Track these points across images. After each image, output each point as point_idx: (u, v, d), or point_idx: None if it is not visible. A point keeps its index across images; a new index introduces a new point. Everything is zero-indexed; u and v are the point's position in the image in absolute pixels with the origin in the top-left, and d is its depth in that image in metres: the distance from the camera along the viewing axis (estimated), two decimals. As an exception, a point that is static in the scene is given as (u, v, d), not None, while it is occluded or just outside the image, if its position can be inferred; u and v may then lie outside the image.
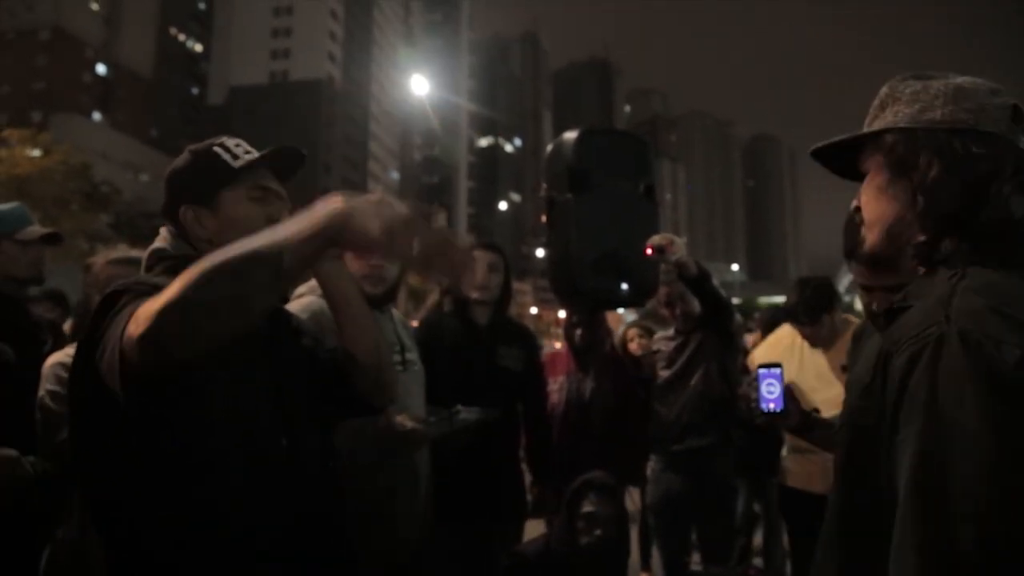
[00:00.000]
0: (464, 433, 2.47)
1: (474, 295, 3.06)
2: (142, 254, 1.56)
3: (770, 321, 5.06)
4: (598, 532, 2.73)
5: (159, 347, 1.07)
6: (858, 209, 1.22)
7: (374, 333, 1.61)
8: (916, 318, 0.98)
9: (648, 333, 4.49)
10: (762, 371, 1.97)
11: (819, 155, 1.26)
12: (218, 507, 1.29)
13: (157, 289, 1.15)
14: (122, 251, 2.55)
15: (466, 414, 2.40)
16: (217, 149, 1.52)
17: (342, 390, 1.60)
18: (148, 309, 1.08)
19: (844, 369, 3.10)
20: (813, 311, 3.16)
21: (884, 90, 1.19)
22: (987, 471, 0.83)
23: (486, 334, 3.09)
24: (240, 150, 1.52)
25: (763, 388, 1.97)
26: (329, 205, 1.08)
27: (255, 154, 1.52)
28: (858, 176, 1.22)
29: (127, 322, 1.12)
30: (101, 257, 2.53)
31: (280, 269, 1.06)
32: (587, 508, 2.77)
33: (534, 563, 2.77)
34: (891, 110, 1.16)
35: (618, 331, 6.31)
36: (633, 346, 4.63)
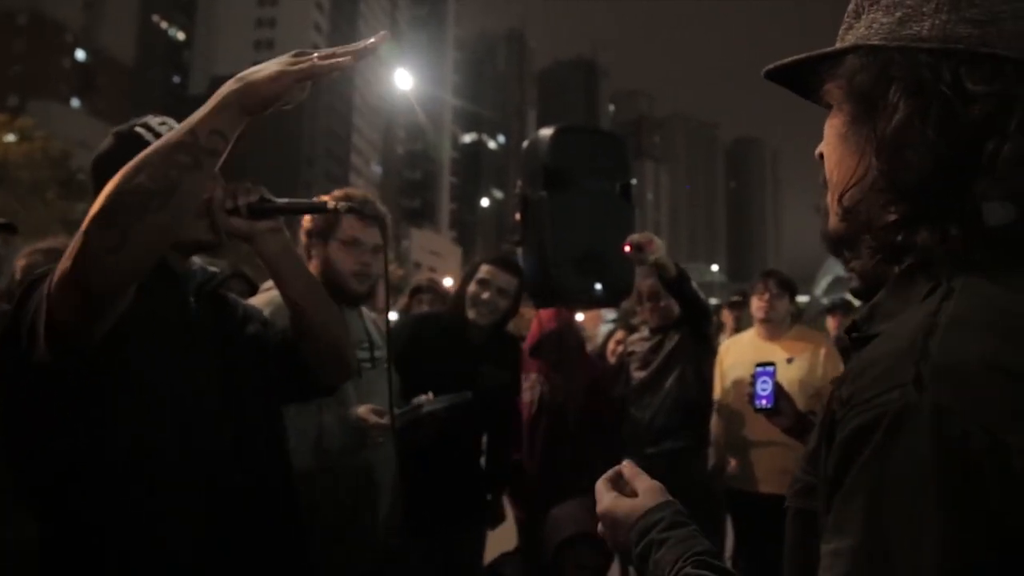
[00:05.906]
0: (433, 422, 2.40)
1: (471, 315, 2.87)
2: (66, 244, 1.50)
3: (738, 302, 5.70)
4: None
5: (95, 269, 1.10)
6: (822, 157, 0.84)
7: (323, 305, 1.57)
8: (877, 364, 0.62)
9: (631, 331, 4.41)
10: (758, 369, 2.02)
11: (780, 78, 0.86)
12: (155, 499, 1.27)
13: None
14: (49, 242, 2.48)
15: (431, 406, 2.33)
16: (139, 130, 1.47)
17: (293, 369, 1.57)
18: (74, 241, 1.12)
19: (789, 361, 3.30)
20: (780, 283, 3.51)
21: None
22: None
23: (478, 355, 2.91)
24: (164, 128, 1.46)
25: (758, 385, 2.00)
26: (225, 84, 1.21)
27: None
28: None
29: (52, 276, 1.16)
30: (27, 248, 2.46)
31: (198, 146, 1.16)
32: (579, 559, 2.71)
33: None
34: (867, 18, 0.77)
35: (596, 331, 6.24)
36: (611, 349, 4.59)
